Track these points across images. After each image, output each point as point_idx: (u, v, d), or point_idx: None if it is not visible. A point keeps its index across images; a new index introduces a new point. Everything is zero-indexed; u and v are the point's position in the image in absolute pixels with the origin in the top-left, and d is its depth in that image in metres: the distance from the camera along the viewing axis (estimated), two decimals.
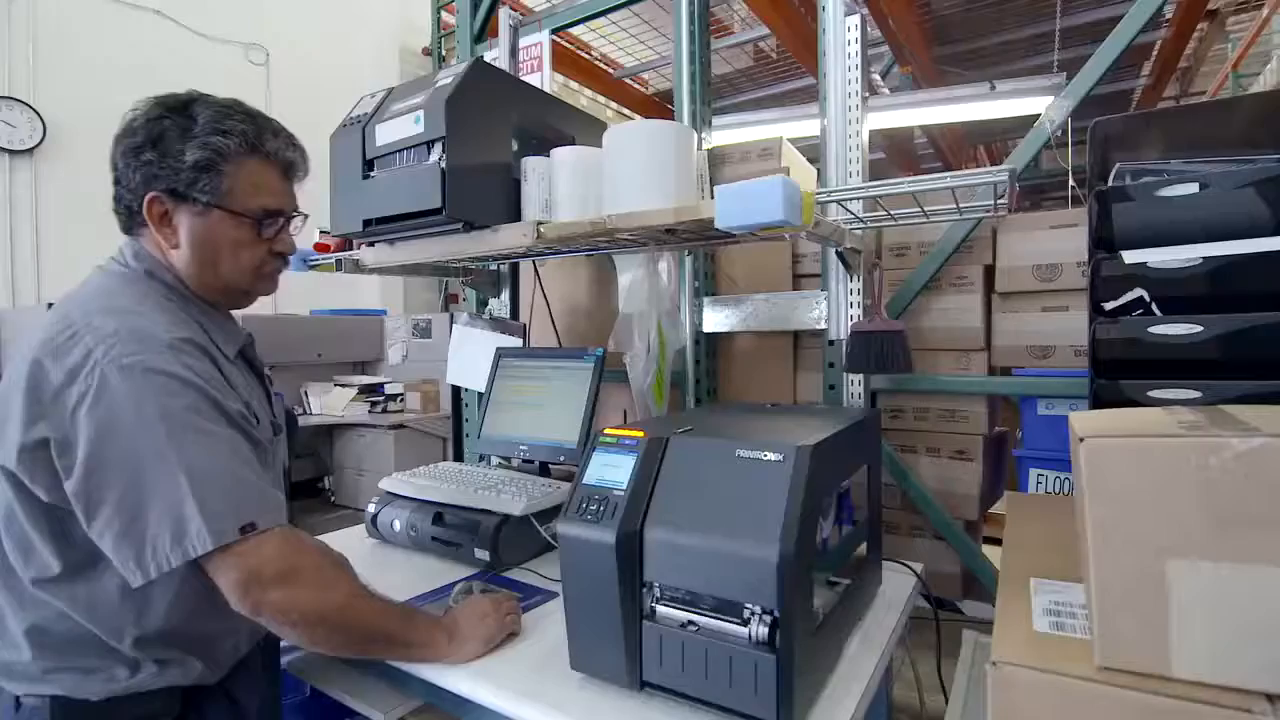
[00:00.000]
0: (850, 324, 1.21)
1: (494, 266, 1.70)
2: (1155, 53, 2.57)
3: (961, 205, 1.00)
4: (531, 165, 1.18)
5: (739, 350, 1.60)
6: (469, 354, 1.66)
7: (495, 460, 1.66)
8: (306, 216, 0.98)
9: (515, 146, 1.21)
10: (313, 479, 3.99)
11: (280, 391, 1.04)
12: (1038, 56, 2.67)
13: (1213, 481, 0.49)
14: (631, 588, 0.79)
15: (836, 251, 1.13)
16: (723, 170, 1.62)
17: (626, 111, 3.30)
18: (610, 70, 3.27)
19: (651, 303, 1.23)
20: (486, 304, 1.80)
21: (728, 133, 2.57)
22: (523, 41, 1.80)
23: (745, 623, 0.73)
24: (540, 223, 1.12)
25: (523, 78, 1.78)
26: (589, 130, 1.36)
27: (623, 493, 0.80)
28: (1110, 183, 1.09)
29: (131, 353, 0.74)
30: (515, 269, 1.73)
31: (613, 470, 0.83)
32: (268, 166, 0.89)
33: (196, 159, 0.83)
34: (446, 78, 1.13)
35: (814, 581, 0.78)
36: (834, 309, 1.24)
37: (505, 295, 1.71)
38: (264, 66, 3.83)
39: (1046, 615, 0.64)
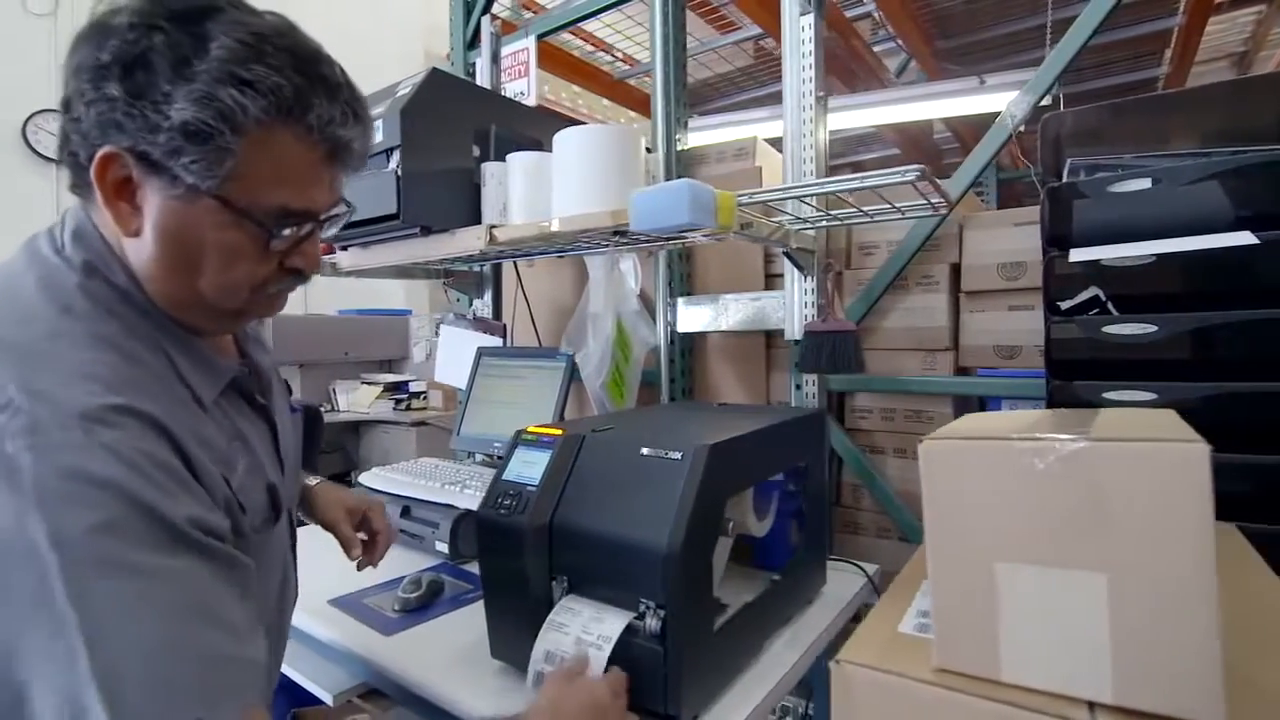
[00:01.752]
0: (804, 324, 1.20)
1: (475, 268, 1.75)
2: (1174, 39, 2.45)
3: (899, 205, 0.99)
4: (490, 170, 1.22)
5: (714, 350, 1.61)
6: (453, 353, 1.72)
7: (480, 457, 1.71)
8: (350, 208, 0.67)
9: (477, 152, 1.25)
10: (342, 473, 4.14)
11: (300, 402, 0.97)
12: (1043, 49, 2.57)
13: (1038, 485, 0.49)
14: (542, 579, 0.81)
15: (784, 252, 1.13)
16: (699, 170, 1.63)
17: (632, 113, 3.32)
18: (626, 66, 3.29)
19: (609, 303, 1.25)
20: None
21: (728, 130, 2.56)
22: (511, 47, 1.84)
23: (640, 616, 0.75)
24: (493, 226, 1.15)
25: (509, 83, 1.83)
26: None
27: (535, 488, 0.83)
28: (1065, 178, 1.07)
29: (19, 432, 0.46)
30: (498, 270, 1.77)
31: (529, 466, 0.86)
32: (305, 145, 0.57)
33: (187, 120, 0.52)
34: (405, 87, 1.18)
35: (711, 578, 0.79)
36: (789, 310, 1.24)
37: (488, 296, 1.75)
38: None
39: (917, 617, 0.64)
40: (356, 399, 4.05)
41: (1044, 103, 1.23)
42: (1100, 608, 0.47)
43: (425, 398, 4.13)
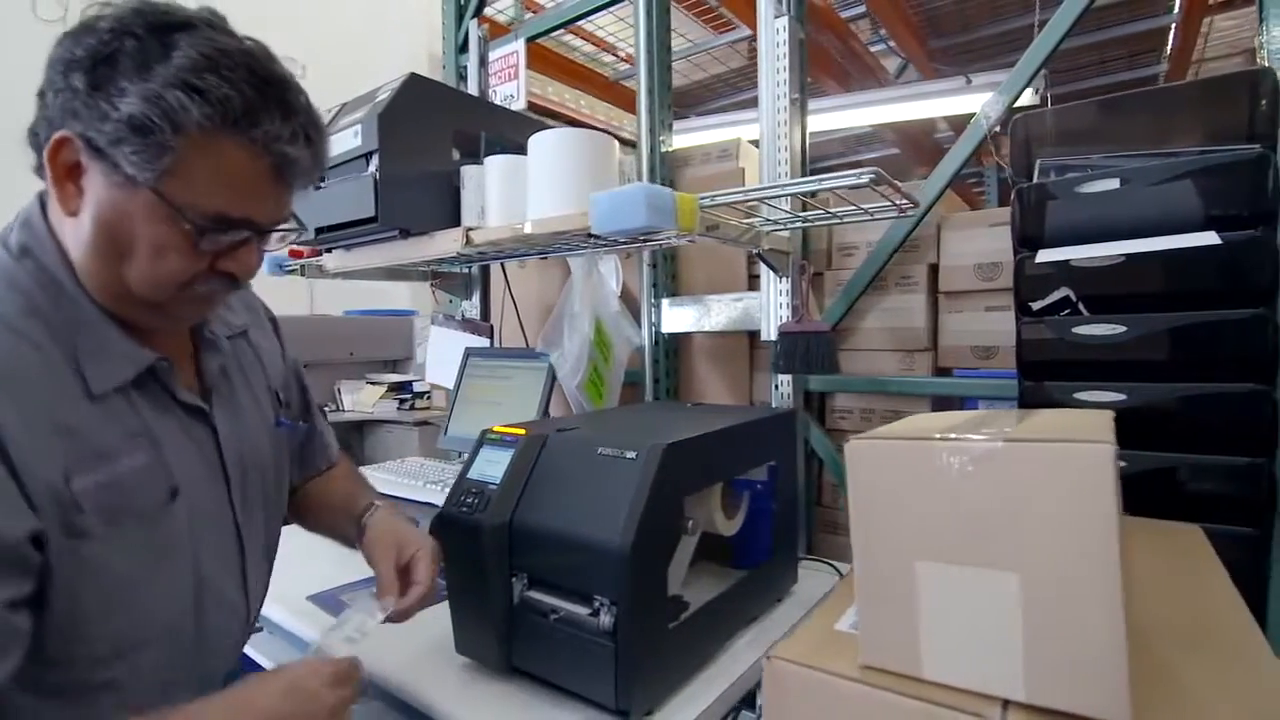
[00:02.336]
0: (779, 325, 1.21)
1: (463, 269, 1.77)
2: (1171, 36, 2.42)
3: (865, 206, 1.00)
4: (468, 173, 1.23)
5: (699, 350, 1.62)
6: (443, 353, 1.74)
7: (466, 456, 1.72)
8: (298, 231, 0.71)
9: (457, 155, 1.27)
10: None
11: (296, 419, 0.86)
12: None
13: (954, 485, 0.49)
14: (502, 576, 0.83)
15: (756, 253, 1.14)
16: (684, 172, 1.65)
17: (632, 115, 3.33)
18: (629, 66, 3.30)
19: (586, 304, 1.26)
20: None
21: (722, 131, 2.57)
22: (501, 51, 1.86)
23: (595, 613, 0.76)
24: (469, 229, 1.17)
25: (499, 86, 1.85)
26: None
27: (496, 487, 0.84)
28: (1035, 179, 1.07)
29: None
30: (486, 271, 1.79)
31: (492, 465, 0.88)
32: (248, 156, 0.59)
33: (133, 114, 0.55)
34: (384, 93, 1.20)
35: (666, 575, 0.80)
36: (764, 311, 1.25)
37: (476, 297, 1.77)
38: (300, 79, 4.05)
39: (853, 615, 0.65)
40: (361, 399, 4.09)
41: (1031, 102, 1.23)
42: (1013, 607, 0.47)
43: (428, 397, 4.16)
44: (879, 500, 0.53)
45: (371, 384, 4.22)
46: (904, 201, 0.95)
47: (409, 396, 4.20)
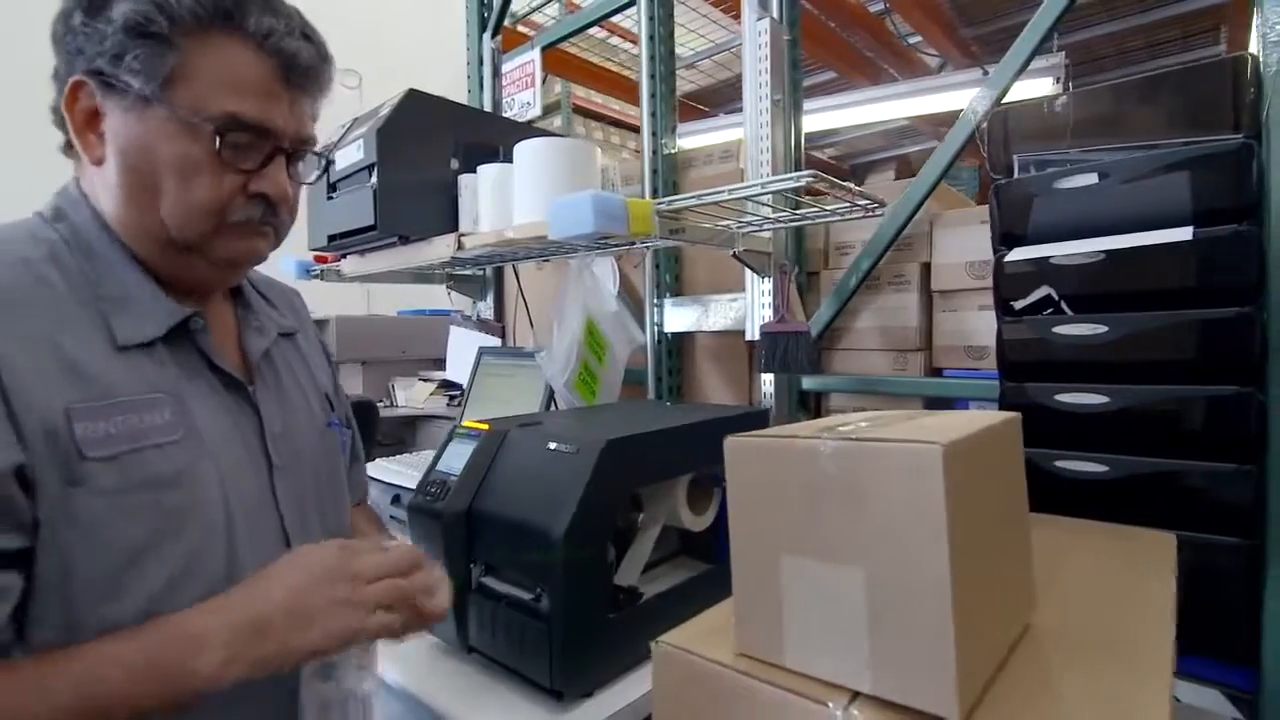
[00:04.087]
0: (761, 325, 1.22)
1: (477, 271, 1.85)
2: (1228, 11, 2.24)
3: (828, 208, 1.00)
4: (464, 181, 1.30)
5: (701, 349, 1.63)
6: (460, 352, 1.83)
7: None
8: (325, 157, 0.70)
9: (456, 165, 1.34)
10: None
11: (353, 398, 0.78)
12: (1082, 32, 2.40)
13: (811, 481, 0.51)
14: (462, 561, 0.88)
15: (734, 255, 1.15)
16: (688, 173, 1.67)
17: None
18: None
19: (575, 304, 1.31)
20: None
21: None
22: (519, 60, 1.93)
23: (536, 598, 0.80)
24: (462, 235, 1.24)
25: (517, 94, 1.92)
26: None
27: (456, 478, 0.90)
28: (1017, 174, 1.04)
29: None
30: (500, 273, 1.87)
31: (458, 458, 0.93)
32: (247, 53, 0.59)
33: (126, 15, 0.55)
34: (385, 109, 1.28)
35: (608, 563, 0.83)
36: (748, 311, 1.26)
37: (490, 298, 1.85)
38: (357, 90, 4.27)
39: None
40: (413, 395, 4.30)
41: (1054, 93, 1.19)
42: (859, 601, 0.49)
43: None
44: (752, 495, 0.56)
45: (423, 380, 4.42)
46: (866, 202, 0.95)
47: (458, 394, 4.38)
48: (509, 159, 1.24)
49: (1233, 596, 0.91)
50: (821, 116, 2.44)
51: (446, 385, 4.42)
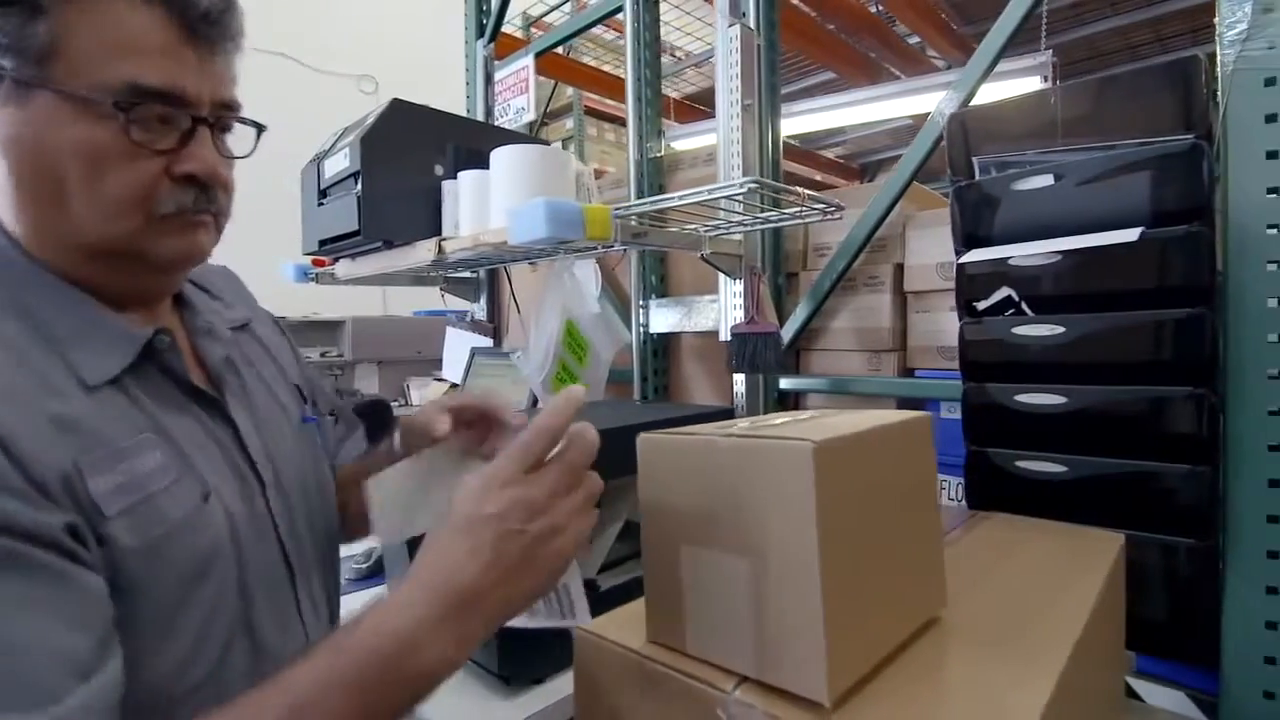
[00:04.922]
0: (731, 326, 1.24)
1: (471, 273, 1.89)
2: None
3: (786, 211, 1.02)
4: (448, 187, 1.34)
5: (686, 349, 1.66)
6: (455, 352, 1.87)
7: None
8: (257, 125, 0.59)
9: (440, 171, 1.38)
10: None
11: (367, 397, 0.76)
12: (1084, 28, 2.35)
13: (707, 476, 0.54)
14: None
15: (702, 257, 1.18)
16: (676, 175, 1.69)
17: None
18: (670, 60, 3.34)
19: (553, 305, 1.34)
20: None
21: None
22: (513, 66, 1.98)
23: None
24: (442, 239, 1.28)
25: (511, 100, 1.96)
26: None
27: None
28: (978, 176, 1.04)
29: None
30: (493, 275, 1.91)
31: None
32: (143, 12, 0.50)
33: None
34: (371, 118, 1.33)
35: None
36: (720, 312, 1.28)
37: (484, 300, 1.90)
38: (374, 95, 4.37)
39: None
40: (427, 394, 4.38)
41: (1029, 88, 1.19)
42: (744, 591, 0.51)
43: None
44: (660, 488, 0.58)
45: (437, 380, 4.50)
46: (823, 205, 0.97)
47: None
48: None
49: (1191, 598, 0.91)
50: (822, 116, 2.45)
51: (459, 386, 4.50)
